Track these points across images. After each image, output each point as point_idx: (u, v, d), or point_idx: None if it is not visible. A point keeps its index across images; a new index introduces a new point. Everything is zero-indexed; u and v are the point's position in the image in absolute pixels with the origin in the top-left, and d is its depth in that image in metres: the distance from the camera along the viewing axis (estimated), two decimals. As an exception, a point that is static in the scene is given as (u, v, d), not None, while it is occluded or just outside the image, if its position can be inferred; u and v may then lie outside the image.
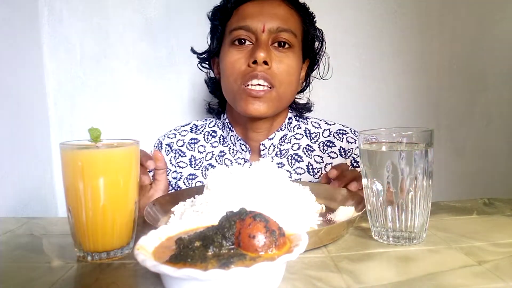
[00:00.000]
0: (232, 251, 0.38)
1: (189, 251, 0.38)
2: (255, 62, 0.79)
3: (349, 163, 0.92)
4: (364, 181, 0.55)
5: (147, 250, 0.40)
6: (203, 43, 0.96)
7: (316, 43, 0.93)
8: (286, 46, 0.83)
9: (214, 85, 0.97)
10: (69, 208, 0.51)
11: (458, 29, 1.27)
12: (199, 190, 0.68)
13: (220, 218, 0.41)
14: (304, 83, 0.97)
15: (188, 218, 0.57)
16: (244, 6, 0.85)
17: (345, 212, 0.61)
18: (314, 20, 0.92)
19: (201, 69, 1.00)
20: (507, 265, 0.45)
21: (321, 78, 0.99)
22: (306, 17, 0.89)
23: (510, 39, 1.27)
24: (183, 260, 0.36)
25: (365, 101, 1.29)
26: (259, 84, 0.80)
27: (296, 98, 0.96)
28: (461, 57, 1.29)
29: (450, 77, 1.30)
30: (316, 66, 0.96)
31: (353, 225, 0.60)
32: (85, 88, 1.24)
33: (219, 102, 0.99)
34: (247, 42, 0.83)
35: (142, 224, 0.59)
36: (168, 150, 0.96)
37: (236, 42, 0.83)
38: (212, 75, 0.99)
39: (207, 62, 0.97)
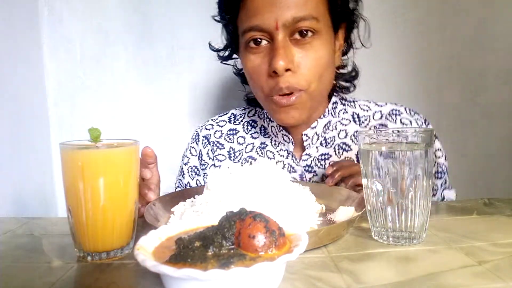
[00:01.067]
0: (232, 251, 0.38)
1: (189, 251, 0.38)
2: (275, 71, 0.70)
3: None
4: (364, 181, 0.55)
5: (147, 250, 0.40)
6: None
7: (352, 4, 0.80)
8: (309, 34, 0.71)
9: (243, 77, 0.86)
10: (69, 208, 0.51)
11: (458, 29, 1.27)
12: (199, 190, 0.68)
13: (220, 218, 0.41)
14: (346, 50, 0.85)
15: (188, 218, 0.57)
16: None
17: (345, 212, 0.61)
18: None
19: (225, 63, 0.91)
20: (507, 265, 0.45)
21: (362, 45, 0.86)
22: None
23: (510, 39, 1.27)
24: (183, 260, 0.36)
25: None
26: (286, 94, 0.73)
27: (340, 71, 0.86)
28: (461, 57, 1.29)
29: (450, 77, 1.30)
30: (355, 25, 0.83)
31: (353, 225, 0.60)
32: (85, 88, 1.24)
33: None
34: (264, 42, 0.73)
35: (142, 224, 0.59)
36: (205, 143, 0.91)
37: (251, 44, 0.74)
38: (239, 66, 0.89)
39: (229, 59, 0.89)
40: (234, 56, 0.88)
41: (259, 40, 0.73)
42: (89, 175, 0.49)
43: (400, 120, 0.83)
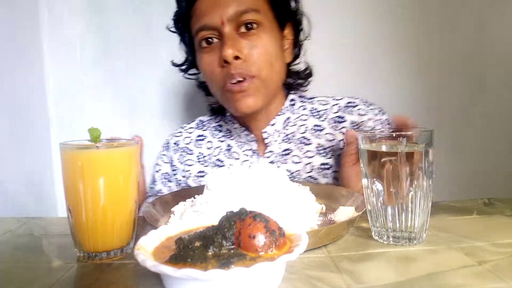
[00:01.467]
0: (232, 251, 0.38)
1: (189, 251, 0.38)
2: (226, 61, 0.75)
3: None
4: (364, 181, 0.55)
5: (147, 250, 0.40)
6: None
7: (292, 2, 0.85)
8: (254, 26, 0.77)
9: (206, 89, 0.93)
10: (69, 208, 0.51)
11: (458, 29, 1.27)
12: (199, 190, 0.68)
13: (220, 218, 0.41)
14: (296, 49, 0.89)
15: (188, 218, 0.57)
16: (197, 4, 0.79)
17: (345, 212, 0.61)
18: None
19: (188, 78, 0.97)
20: (507, 265, 0.45)
21: (305, 39, 0.90)
22: None
23: (510, 39, 1.27)
24: (183, 260, 0.36)
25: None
26: (239, 81, 0.76)
27: (292, 68, 0.90)
28: (461, 57, 1.29)
29: (450, 77, 1.29)
30: (300, 26, 0.88)
31: (353, 225, 0.60)
32: (85, 88, 1.24)
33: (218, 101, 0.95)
34: (215, 40, 0.78)
35: (142, 224, 0.59)
36: (175, 149, 0.95)
37: (204, 44, 0.79)
38: (202, 79, 0.95)
39: (191, 70, 0.95)
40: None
41: (210, 40, 0.78)
42: (89, 175, 0.49)
43: (357, 111, 0.86)
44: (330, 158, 0.85)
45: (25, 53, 1.12)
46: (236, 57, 0.75)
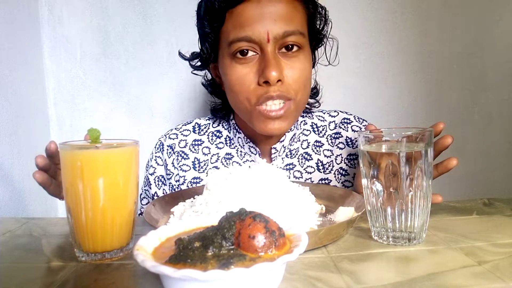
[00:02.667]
0: (232, 251, 0.38)
1: (188, 252, 0.38)
2: (266, 81, 0.72)
3: (357, 153, 0.87)
4: (364, 181, 0.55)
5: (147, 250, 0.40)
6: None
7: (319, 22, 0.84)
8: (295, 48, 0.75)
9: (214, 87, 0.89)
10: (69, 209, 0.51)
11: (458, 29, 1.27)
12: (198, 190, 0.68)
13: (219, 219, 0.41)
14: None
15: (188, 219, 0.57)
16: (239, 8, 0.73)
17: (345, 213, 0.61)
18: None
19: (195, 74, 0.91)
20: (507, 265, 0.45)
21: (329, 63, 0.89)
22: (309, 2, 0.79)
23: (510, 39, 1.27)
24: (182, 261, 0.36)
25: (365, 101, 1.29)
26: (275, 106, 0.74)
27: None
28: (461, 57, 1.29)
29: (450, 77, 1.29)
30: (321, 44, 0.86)
31: (353, 225, 0.60)
32: (85, 88, 1.24)
33: (222, 103, 0.90)
34: (251, 53, 0.74)
35: (142, 225, 0.58)
36: (170, 152, 0.90)
37: (238, 54, 0.74)
38: (209, 76, 0.91)
39: (203, 69, 0.89)
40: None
41: (246, 51, 0.74)
42: (89, 175, 0.49)
43: (351, 127, 0.89)
44: (329, 173, 0.87)
45: (25, 53, 1.12)
46: (278, 80, 0.72)
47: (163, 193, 0.90)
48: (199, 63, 0.87)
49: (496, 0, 1.26)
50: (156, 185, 0.90)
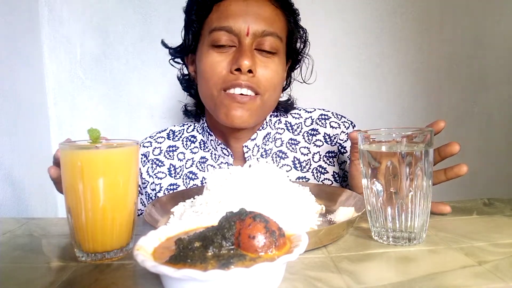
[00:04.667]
0: (232, 251, 0.38)
1: (188, 252, 0.38)
2: (238, 69, 0.74)
3: (336, 150, 0.87)
4: (364, 181, 0.55)
5: (147, 250, 0.40)
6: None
7: (298, 43, 0.87)
8: (272, 51, 0.78)
9: (188, 82, 0.90)
10: (69, 209, 0.50)
11: (458, 29, 1.27)
12: (198, 190, 0.68)
13: (220, 219, 0.41)
14: (285, 83, 0.90)
15: (188, 219, 0.57)
16: (225, 3, 0.77)
17: (345, 213, 0.61)
18: (299, 18, 0.86)
19: (172, 65, 0.91)
20: (507, 265, 0.45)
21: (304, 81, 0.92)
22: (291, 17, 0.83)
23: (510, 39, 1.27)
24: (182, 261, 0.36)
25: (365, 101, 1.29)
26: (242, 94, 0.76)
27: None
28: (461, 57, 1.29)
29: (450, 77, 1.30)
30: (297, 66, 0.90)
31: (353, 226, 0.60)
32: (85, 88, 1.24)
33: (196, 103, 0.92)
34: (228, 44, 0.77)
35: (142, 225, 0.58)
36: (144, 161, 0.89)
37: (216, 43, 0.77)
38: (185, 71, 0.92)
39: (179, 58, 0.90)
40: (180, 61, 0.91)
41: (224, 43, 0.76)
42: (89, 176, 0.49)
43: (330, 124, 0.88)
44: (306, 172, 0.86)
45: (25, 53, 1.12)
46: (250, 71, 0.74)
47: (140, 202, 0.89)
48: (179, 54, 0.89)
49: (496, 0, 1.26)
50: None
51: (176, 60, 0.90)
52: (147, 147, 0.91)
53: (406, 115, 1.29)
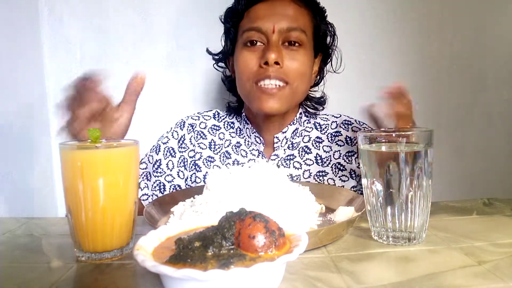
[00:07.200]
0: (232, 251, 0.38)
1: (188, 252, 0.38)
2: (266, 63, 0.83)
3: (355, 150, 0.95)
4: (364, 181, 0.55)
5: (147, 250, 0.40)
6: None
7: (328, 38, 0.97)
8: (297, 44, 0.86)
9: (230, 83, 1.02)
10: (69, 209, 0.51)
11: (458, 29, 1.27)
12: (198, 190, 0.68)
13: (219, 219, 0.41)
14: (318, 77, 1.01)
15: (188, 219, 0.57)
16: (254, 8, 0.89)
17: (345, 212, 0.61)
18: (325, 14, 0.96)
19: (217, 69, 1.03)
20: (507, 265, 0.45)
21: (334, 71, 1.03)
22: (316, 13, 0.93)
23: (510, 39, 1.27)
24: (182, 261, 0.36)
25: (365, 101, 1.28)
26: (271, 85, 0.84)
27: (310, 92, 1.00)
28: (461, 57, 1.29)
29: (450, 77, 1.29)
30: (329, 60, 1.00)
31: (353, 225, 0.60)
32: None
33: (237, 100, 1.02)
34: (259, 43, 0.87)
35: (142, 225, 0.59)
36: (189, 130, 1.00)
37: (248, 43, 0.87)
38: (228, 73, 1.03)
39: (223, 62, 1.02)
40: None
41: (255, 42, 0.87)
42: (89, 175, 0.49)
43: (352, 128, 0.98)
44: (326, 166, 0.94)
45: (25, 53, 1.12)
46: (276, 63, 0.83)
47: (167, 164, 0.96)
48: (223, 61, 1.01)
49: (496, 1, 1.26)
50: (163, 154, 0.98)
51: (219, 65, 1.03)
52: (195, 120, 1.02)
53: (406, 115, 1.29)
